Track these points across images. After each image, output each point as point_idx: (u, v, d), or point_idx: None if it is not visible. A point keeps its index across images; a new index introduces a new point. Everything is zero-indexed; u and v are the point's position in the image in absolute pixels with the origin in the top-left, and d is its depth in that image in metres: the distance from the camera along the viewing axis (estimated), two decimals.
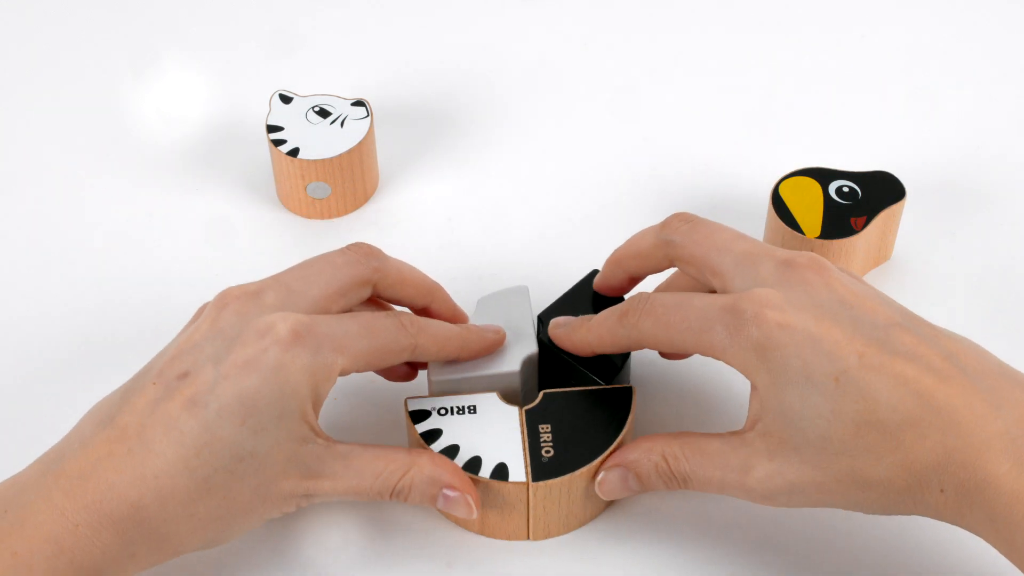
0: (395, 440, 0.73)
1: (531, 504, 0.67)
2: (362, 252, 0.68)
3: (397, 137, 0.90)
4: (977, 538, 0.60)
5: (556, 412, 0.69)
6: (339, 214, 0.85)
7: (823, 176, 0.80)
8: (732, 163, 0.89)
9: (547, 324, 0.71)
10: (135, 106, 0.93)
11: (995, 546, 0.59)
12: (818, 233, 0.77)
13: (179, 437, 0.59)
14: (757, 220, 0.82)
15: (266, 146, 0.85)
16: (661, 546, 0.69)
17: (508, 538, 0.69)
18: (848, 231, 0.77)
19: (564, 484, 0.66)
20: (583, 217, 0.86)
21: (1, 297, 0.81)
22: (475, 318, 0.73)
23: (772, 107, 0.93)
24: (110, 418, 0.61)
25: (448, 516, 0.69)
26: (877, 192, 0.79)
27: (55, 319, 0.79)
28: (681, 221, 0.68)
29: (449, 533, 0.69)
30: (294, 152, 0.82)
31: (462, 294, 0.79)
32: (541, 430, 0.68)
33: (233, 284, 0.66)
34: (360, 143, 0.83)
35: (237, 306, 0.64)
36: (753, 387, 0.62)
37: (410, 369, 0.72)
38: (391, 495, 0.64)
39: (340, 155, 0.82)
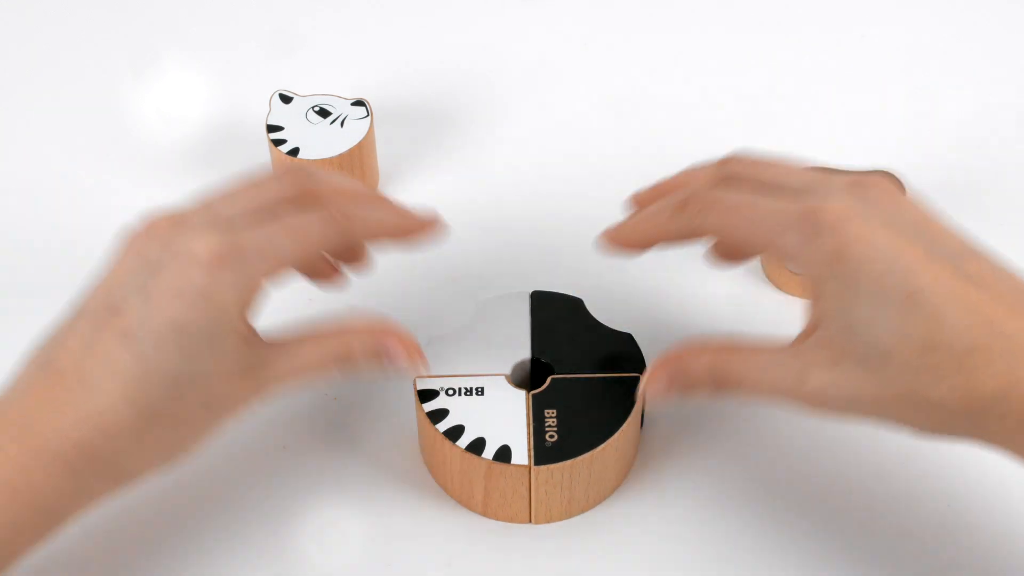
0: (405, 421, 0.73)
1: (533, 487, 0.67)
2: (292, 172, 0.67)
3: (397, 137, 0.91)
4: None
5: (563, 397, 0.69)
6: None
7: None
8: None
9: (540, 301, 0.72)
10: (135, 106, 0.93)
11: None
12: None
13: (117, 372, 0.60)
14: None
15: (266, 146, 0.85)
16: (664, 533, 0.69)
17: (511, 521, 0.69)
18: None
19: (566, 469, 0.67)
20: (583, 217, 0.85)
21: (1, 298, 0.81)
22: (474, 319, 0.73)
23: (772, 107, 0.93)
24: (47, 361, 0.61)
25: (449, 492, 0.70)
26: None
27: (47, 319, 0.78)
28: (740, 159, 0.67)
29: (452, 515, 0.69)
30: (294, 152, 0.82)
31: (462, 294, 0.79)
32: (546, 415, 0.68)
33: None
34: (360, 143, 0.83)
35: (161, 234, 0.62)
36: (817, 297, 0.61)
37: (334, 271, 0.71)
38: (337, 365, 0.65)
39: (340, 155, 0.82)
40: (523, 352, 0.71)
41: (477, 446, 0.67)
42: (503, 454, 0.66)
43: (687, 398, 0.64)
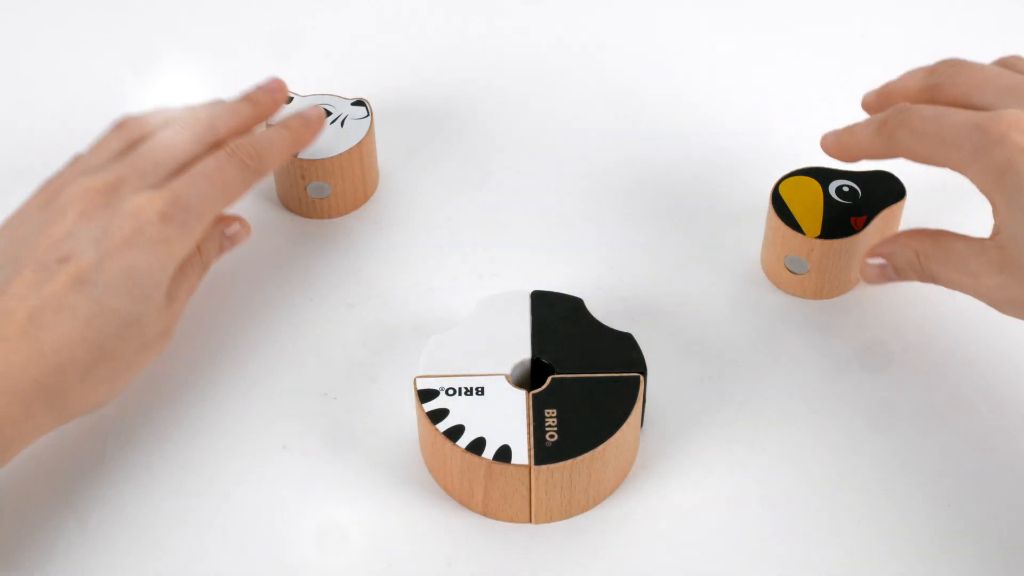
0: (405, 421, 0.73)
1: (533, 487, 0.67)
2: (203, 125, 0.74)
3: (397, 136, 0.90)
4: None
5: (563, 397, 0.69)
6: (339, 214, 0.85)
7: (823, 176, 0.80)
8: (732, 163, 0.89)
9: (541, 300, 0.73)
10: (135, 106, 0.92)
11: None
12: (818, 233, 0.77)
13: (71, 312, 0.64)
14: (757, 220, 0.82)
15: None
16: (664, 533, 0.69)
17: (511, 521, 0.69)
18: (848, 231, 0.77)
19: (566, 469, 0.66)
20: (583, 217, 0.86)
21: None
22: (474, 319, 0.73)
23: (772, 106, 0.93)
24: None
25: (450, 492, 0.70)
26: (877, 192, 0.79)
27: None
28: (948, 65, 0.70)
29: (453, 515, 0.69)
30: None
31: (462, 294, 0.79)
32: (547, 415, 0.68)
33: (233, 279, 0.75)
34: (360, 143, 0.83)
35: (102, 196, 0.68)
36: (993, 206, 0.64)
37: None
38: (204, 270, 0.74)
39: (340, 155, 0.82)
40: (523, 352, 0.71)
41: (477, 446, 0.67)
42: (503, 454, 0.66)
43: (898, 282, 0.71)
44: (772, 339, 0.77)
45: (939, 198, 0.85)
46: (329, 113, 0.84)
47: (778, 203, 0.78)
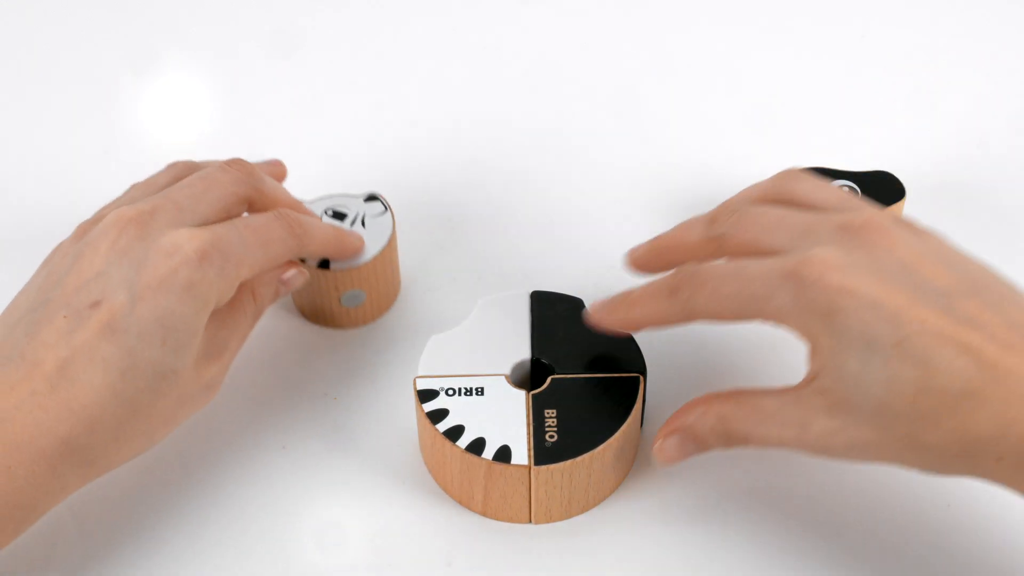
0: (405, 422, 0.73)
1: (532, 488, 0.67)
2: (244, 170, 0.70)
3: (397, 136, 0.91)
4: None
5: (563, 398, 0.69)
6: (373, 319, 0.81)
7: (823, 176, 0.80)
8: (732, 163, 0.89)
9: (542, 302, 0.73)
10: (135, 106, 0.93)
11: None
12: None
13: (103, 364, 0.60)
14: None
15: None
16: (664, 533, 0.69)
17: (510, 521, 0.69)
18: None
19: (566, 469, 0.67)
20: (583, 216, 0.86)
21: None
22: (474, 320, 0.73)
23: (772, 106, 0.93)
24: (20, 355, 0.61)
25: (449, 492, 0.70)
26: (877, 192, 0.79)
27: None
28: (726, 213, 0.66)
29: (453, 515, 0.70)
30: (324, 264, 0.76)
31: (463, 293, 0.79)
32: (546, 415, 0.68)
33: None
34: (389, 242, 0.78)
35: (135, 227, 0.64)
36: (812, 349, 0.61)
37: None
38: (257, 317, 0.70)
39: (374, 258, 0.77)
40: (523, 352, 0.71)
41: (477, 446, 0.67)
42: (503, 454, 0.66)
43: (700, 455, 0.65)
44: (772, 338, 0.77)
45: (939, 198, 0.85)
46: (344, 215, 0.78)
47: None
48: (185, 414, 0.65)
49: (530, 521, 0.69)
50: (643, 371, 0.70)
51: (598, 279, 0.80)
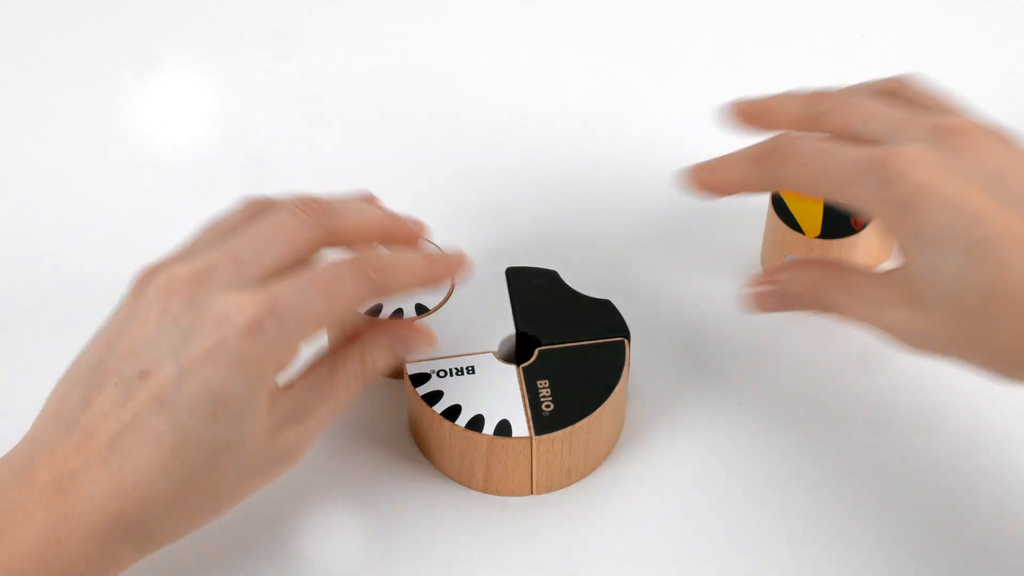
0: (401, 419, 0.73)
1: (534, 458, 0.68)
2: (315, 211, 0.64)
3: (397, 135, 0.91)
4: None
5: (553, 367, 0.70)
6: None
7: None
8: None
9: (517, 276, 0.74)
10: (135, 106, 0.93)
11: None
12: (818, 233, 0.76)
13: (152, 441, 0.57)
14: (757, 219, 0.81)
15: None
16: (661, 497, 0.69)
17: (512, 494, 0.70)
18: (848, 231, 0.76)
19: (565, 436, 0.67)
20: (583, 217, 0.85)
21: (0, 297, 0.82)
22: (454, 300, 0.73)
23: None
24: (74, 422, 0.58)
25: (448, 473, 0.70)
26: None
27: (52, 321, 0.79)
28: (831, 95, 0.67)
29: (453, 491, 0.70)
30: (398, 313, 0.73)
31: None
32: (539, 385, 0.69)
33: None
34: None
35: (187, 290, 0.60)
36: (897, 241, 0.61)
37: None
38: (364, 384, 0.65)
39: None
40: (507, 328, 0.72)
41: (476, 423, 0.67)
42: (503, 428, 0.67)
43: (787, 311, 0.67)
44: (772, 337, 0.77)
45: None
46: None
47: (778, 203, 0.77)
48: (256, 485, 0.62)
49: (531, 492, 0.69)
50: (627, 335, 0.71)
51: (599, 281, 0.79)
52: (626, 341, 0.70)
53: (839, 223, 0.76)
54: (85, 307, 0.79)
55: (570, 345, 0.70)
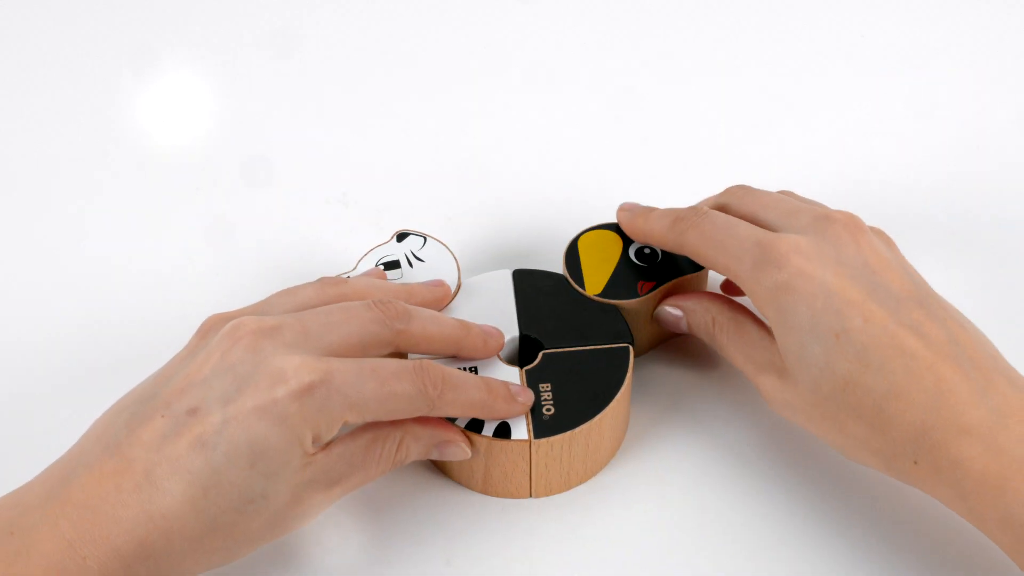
0: None
1: (533, 462, 0.68)
2: (390, 313, 0.66)
3: (397, 135, 0.91)
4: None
5: (555, 371, 0.69)
6: None
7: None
8: (732, 163, 0.89)
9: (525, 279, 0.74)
10: (134, 106, 0.93)
11: (968, 519, 0.61)
12: (599, 292, 0.74)
13: (187, 477, 0.59)
14: None
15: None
16: (661, 504, 0.69)
17: (511, 497, 0.69)
18: (632, 294, 0.74)
19: (565, 441, 0.67)
20: (582, 217, 0.85)
21: None
22: (459, 300, 0.73)
23: (771, 106, 0.93)
24: (116, 445, 0.60)
25: (448, 472, 0.70)
26: (678, 259, 0.75)
27: (51, 322, 0.79)
28: (738, 188, 0.73)
29: (453, 495, 0.70)
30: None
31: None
32: (541, 389, 0.68)
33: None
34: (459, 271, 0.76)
35: (251, 341, 0.62)
36: (767, 319, 0.66)
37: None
38: (393, 467, 0.65)
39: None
40: (511, 330, 0.72)
41: (476, 424, 0.67)
42: (503, 430, 0.67)
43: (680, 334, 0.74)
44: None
45: (938, 199, 0.85)
46: (396, 265, 0.76)
47: (571, 253, 0.76)
48: (272, 537, 0.63)
49: (530, 495, 0.69)
50: (631, 340, 0.70)
51: None
52: (630, 347, 0.70)
53: (624, 287, 0.74)
54: (85, 305, 0.80)
55: (574, 349, 0.70)
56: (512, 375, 0.69)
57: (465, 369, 0.69)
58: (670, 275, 0.74)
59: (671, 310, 0.73)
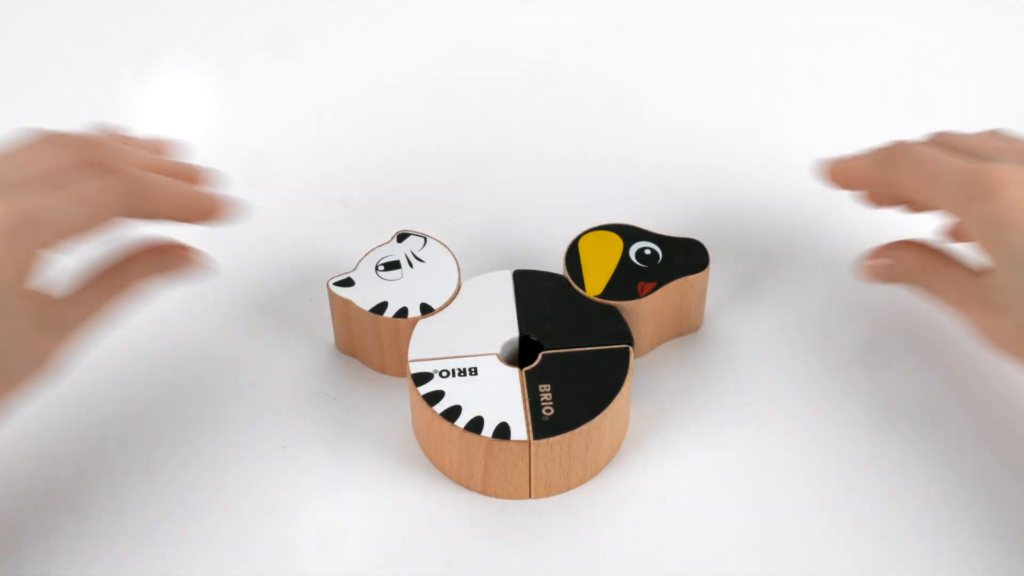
0: (404, 422, 0.73)
1: (532, 462, 0.68)
2: (75, 140, 0.66)
3: (397, 135, 0.91)
4: None
5: (555, 372, 0.69)
6: None
7: (628, 235, 0.77)
8: (732, 163, 0.89)
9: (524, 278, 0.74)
10: (135, 106, 0.93)
11: None
12: (599, 292, 0.74)
13: None
14: (757, 227, 0.82)
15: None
16: (661, 505, 0.69)
17: (510, 497, 0.69)
18: (632, 295, 0.74)
19: (564, 442, 0.67)
20: (582, 217, 0.85)
21: None
22: (459, 301, 0.73)
23: (771, 106, 0.94)
24: None
25: (447, 473, 0.70)
26: (679, 260, 0.76)
27: None
28: (940, 133, 0.71)
29: (452, 496, 0.70)
30: (403, 313, 0.73)
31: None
32: (541, 390, 0.69)
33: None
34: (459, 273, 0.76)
35: None
36: (982, 251, 0.65)
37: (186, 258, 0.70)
38: (125, 298, 0.66)
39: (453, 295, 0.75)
40: (511, 330, 0.72)
41: (476, 424, 0.67)
42: (502, 431, 0.67)
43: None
44: (775, 345, 0.77)
45: None
46: (397, 265, 0.76)
47: (571, 254, 0.76)
48: (18, 384, 0.61)
49: (530, 496, 0.69)
50: (631, 342, 0.70)
51: None
52: (630, 348, 0.70)
53: (624, 288, 0.74)
54: None
55: (574, 350, 0.70)
56: (512, 376, 0.69)
57: (465, 369, 0.69)
58: (670, 276, 0.74)
59: (883, 263, 0.73)
